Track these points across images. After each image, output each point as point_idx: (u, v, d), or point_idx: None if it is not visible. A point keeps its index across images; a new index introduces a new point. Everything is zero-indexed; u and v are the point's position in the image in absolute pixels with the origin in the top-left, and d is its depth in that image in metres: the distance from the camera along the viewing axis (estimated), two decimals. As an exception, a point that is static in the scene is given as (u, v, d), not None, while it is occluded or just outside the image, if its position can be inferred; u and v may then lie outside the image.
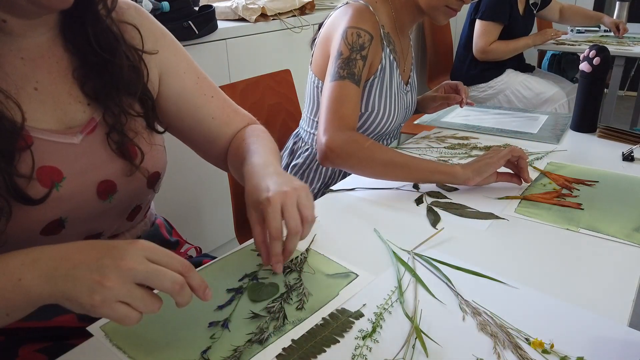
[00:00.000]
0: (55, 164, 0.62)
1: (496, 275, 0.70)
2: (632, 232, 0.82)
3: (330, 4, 2.52)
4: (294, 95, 1.50)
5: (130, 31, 0.70)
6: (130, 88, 0.69)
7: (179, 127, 0.81)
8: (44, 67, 0.63)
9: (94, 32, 0.64)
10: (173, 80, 0.77)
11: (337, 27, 1.09)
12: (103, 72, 0.66)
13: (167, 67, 0.76)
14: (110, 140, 0.68)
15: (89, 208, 0.67)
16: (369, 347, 0.58)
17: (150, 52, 0.72)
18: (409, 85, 1.27)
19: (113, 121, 0.67)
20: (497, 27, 2.37)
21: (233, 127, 0.84)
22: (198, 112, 0.80)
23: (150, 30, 0.74)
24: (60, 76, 0.65)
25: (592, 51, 1.23)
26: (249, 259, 0.76)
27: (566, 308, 0.64)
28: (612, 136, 1.26)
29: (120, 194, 0.70)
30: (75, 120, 0.66)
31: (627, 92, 4.39)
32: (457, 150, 1.22)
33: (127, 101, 0.69)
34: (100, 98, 0.66)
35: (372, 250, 0.78)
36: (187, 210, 1.96)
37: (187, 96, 0.78)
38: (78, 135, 0.65)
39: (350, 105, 1.02)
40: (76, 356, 0.58)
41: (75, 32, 0.64)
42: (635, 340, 0.58)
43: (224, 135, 0.83)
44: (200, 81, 0.80)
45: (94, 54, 0.64)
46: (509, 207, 0.91)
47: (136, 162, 0.70)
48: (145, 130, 0.73)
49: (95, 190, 0.67)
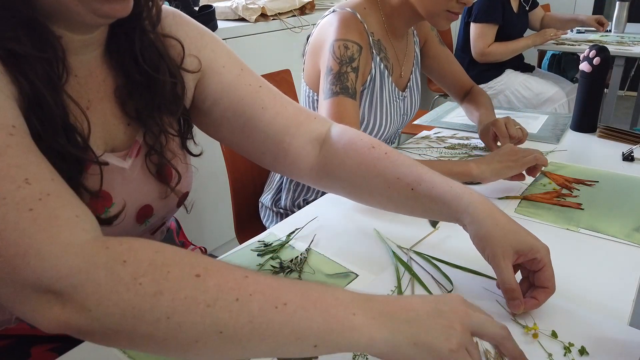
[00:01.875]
0: (106, 189, 0.59)
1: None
2: (632, 232, 0.82)
3: (330, 4, 2.52)
4: (294, 96, 1.49)
5: (174, 45, 0.66)
6: (172, 107, 0.65)
7: (226, 127, 0.72)
8: (94, 86, 0.61)
9: (140, 48, 0.61)
10: (211, 78, 0.70)
11: (324, 38, 1.06)
12: (145, 91, 0.62)
13: (204, 66, 0.70)
14: (149, 162, 0.65)
15: (126, 232, 0.64)
16: (369, 347, 0.57)
17: (190, 70, 0.67)
18: (408, 90, 1.23)
19: (153, 142, 0.64)
20: (493, 28, 2.36)
21: (307, 126, 0.74)
22: (243, 103, 0.70)
23: (188, 36, 0.68)
24: (106, 95, 0.62)
25: (592, 51, 1.23)
26: (249, 259, 0.76)
27: (566, 307, 0.64)
28: (612, 136, 1.26)
29: (155, 217, 0.69)
30: (117, 140, 0.63)
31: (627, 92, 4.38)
32: (457, 150, 1.22)
33: (168, 120, 0.65)
34: (141, 117, 0.63)
35: (372, 250, 0.78)
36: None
37: (227, 90, 0.70)
38: (128, 159, 0.63)
39: (349, 120, 0.98)
40: (77, 356, 0.58)
41: (121, 49, 0.61)
42: (636, 339, 0.58)
43: (289, 131, 0.72)
44: (243, 73, 0.72)
45: (138, 72, 0.61)
46: (509, 207, 0.91)
47: (172, 185, 0.67)
48: (181, 151, 0.70)
49: (135, 216, 0.65)
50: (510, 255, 0.61)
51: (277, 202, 1.24)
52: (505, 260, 0.61)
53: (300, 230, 0.83)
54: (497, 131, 1.09)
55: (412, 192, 0.67)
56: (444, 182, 0.67)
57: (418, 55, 1.28)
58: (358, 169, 0.70)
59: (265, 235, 0.83)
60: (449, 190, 0.65)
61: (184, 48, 0.66)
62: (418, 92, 1.28)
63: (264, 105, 0.71)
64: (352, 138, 0.73)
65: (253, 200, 1.35)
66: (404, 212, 0.73)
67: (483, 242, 0.63)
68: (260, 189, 1.34)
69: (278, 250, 0.78)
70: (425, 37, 1.29)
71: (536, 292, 0.62)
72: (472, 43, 2.40)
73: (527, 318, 0.62)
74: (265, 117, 0.71)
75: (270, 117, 0.71)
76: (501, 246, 0.61)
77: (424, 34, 1.29)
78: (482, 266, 0.72)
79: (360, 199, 0.76)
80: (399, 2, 1.10)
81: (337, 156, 0.72)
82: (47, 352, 0.69)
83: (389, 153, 0.70)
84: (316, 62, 1.09)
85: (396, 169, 0.69)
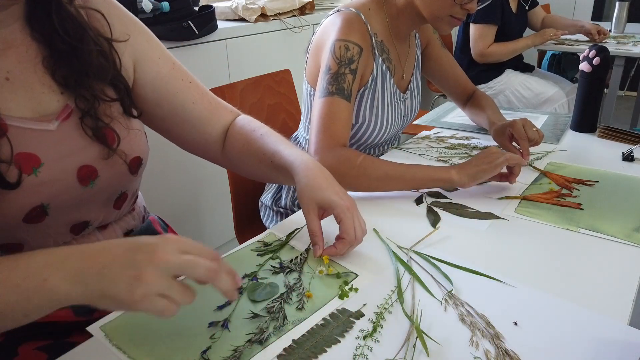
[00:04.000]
0: (32, 151, 0.63)
1: (496, 275, 0.70)
2: (632, 232, 0.82)
3: (330, 4, 2.52)
4: (293, 95, 1.50)
5: (97, 18, 0.71)
6: (101, 74, 0.69)
7: (159, 114, 0.80)
8: (14, 57, 0.64)
9: (59, 20, 0.65)
10: (148, 66, 0.77)
11: (327, 38, 1.06)
12: (72, 59, 0.66)
13: (140, 53, 0.76)
14: (84, 126, 0.68)
15: (70, 194, 0.68)
16: (369, 346, 0.58)
17: (120, 39, 0.72)
18: (409, 92, 1.23)
19: (86, 106, 0.68)
20: (492, 28, 2.36)
21: (222, 118, 0.85)
22: (177, 97, 0.80)
23: (119, 18, 0.74)
24: (31, 65, 0.65)
25: (592, 51, 1.23)
26: (249, 259, 0.76)
27: (567, 307, 0.64)
28: (612, 136, 1.26)
29: (101, 179, 0.71)
30: (49, 108, 0.66)
31: (627, 92, 4.39)
32: (457, 150, 1.22)
33: (99, 87, 0.70)
34: (71, 85, 0.67)
35: (372, 250, 0.78)
36: (186, 210, 1.96)
37: (163, 81, 0.78)
38: (54, 122, 0.66)
39: (340, 122, 0.99)
40: (76, 356, 0.58)
41: (40, 21, 0.65)
42: (635, 339, 0.58)
43: (211, 123, 0.83)
44: (176, 67, 0.81)
45: (61, 41, 0.65)
46: (509, 207, 0.91)
47: (113, 146, 0.71)
48: (121, 116, 0.73)
49: (76, 176, 0.68)
50: (314, 208, 0.71)
51: (278, 201, 1.24)
52: (310, 213, 0.71)
53: (300, 230, 0.83)
54: (515, 133, 1.09)
55: (271, 163, 0.79)
56: (292, 152, 0.77)
57: (419, 58, 1.28)
58: (242, 148, 0.82)
59: (265, 235, 0.83)
60: (289, 157, 0.76)
61: (110, 24, 0.71)
62: (419, 95, 1.28)
63: (194, 100, 0.82)
64: (243, 125, 0.84)
65: (253, 200, 1.35)
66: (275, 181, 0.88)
67: (299, 198, 0.73)
68: (260, 189, 1.34)
69: (278, 250, 0.78)
70: (427, 39, 1.29)
71: (338, 242, 0.72)
72: (471, 44, 2.40)
73: (525, 317, 0.62)
74: (194, 110, 0.82)
75: (198, 111, 0.82)
76: (307, 201, 0.71)
77: (426, 36, 1.29)
78: (482, 266, 0.72)
79: (249, 174, 0.88)
80: (404, 4, 1.10)
81: (231, 140, 0.84)
82: (34, 350, 0.69)
83: (264, 134, 0.82)
84: (318, 60, 1.10)
85: (265, 146, 0.80)
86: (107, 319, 0.63)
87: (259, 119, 0.89)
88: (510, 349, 0.57)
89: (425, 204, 0.93)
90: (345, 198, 0.72)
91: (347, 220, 0.70)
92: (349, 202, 0.72)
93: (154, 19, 1.65)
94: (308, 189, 0.72)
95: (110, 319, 0.63)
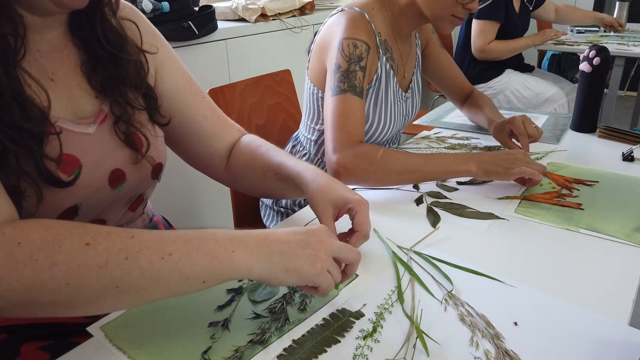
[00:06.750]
0: (74, 152, 0.65)
1: (496, 275, 0.70)
2: (632, 232, 0.82)
3: (330, 4, 2.52)
4: (293, 96, 1.50)
5: (130, 27, 0.73)
6: (137, 83, 0.72)
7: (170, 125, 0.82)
8: (57, 60, 0.67)
9: (102, 29, 0.68)
10: (167, 76, 0.80)
11: (332, 37, 1.06)
12: (109, 67, 0.69)
13: (161, 63, 0.79)
14: (117, 130, 0.71)
15: (101, 196, 0.70)
16: (369, 347, 0.58)
17: (150, 52, 0.75)
18: (410, 91, 1.23)
19: (120, 112, 0.71)
20: (495, 25, 2.37)
21: (229, 135, 0.87)
22: (189, 109, 0.82)
23: (145, 29, 0.77)
24: (71, 69, 0.68)
25: (592, 51, 1.23)
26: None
27: (567, 307, 0.64)
28: (612, 136, 1.26)
29: (128, 182, 0.73)
30: (85, 111, 0.68)
31: (627, 92, 4.39)
32: (457, 150, 1.22)
33: (132, 95, 0.72)
34: (107, 91, 0.70)
35: (372, 250, 0.78)
36: (186, 210, 1.96)
37: (178, 92, 0.81)
38: (92, 125, 0.68)
39: (355, 118, 0.99)
40: (76, 356, 0.58)
41: (83, 29, 0.68)
42: (635, 339, 0.58)
43: (218, 138, 0.85)
44: (192, 81, 0.83)
45: (101, 49, 0.68)
46: (509, 207, 0.91)
47: (142, 151, 0.73)
48: (148, 123, 0.76)
49: (108, 179, 0.70)
50: (329, 210, 0.71)
51: (278, 200, 1.24)
52: (326, 216, 0.71)
53: (300, 230, 0.83)
54: (515, 129, 1.11)
55: (276, 175, 0.80)
56: (298, 164, 0.78)
57: (419, 57, 1.28)
58: (247, 163, 0.84)
59: (266, 236, 0.83)
60: (295, 168, 0.77)
61: (141, 34, 0.74)
62: (419, 94, 1.29)
63: (205, 115, 0.84)
64: (249, 142, 0.86)
65: (253, 200, 1.35)
66: (278, 194, 0.87)
67: (311, 205, 0.73)
68: (260, 189, 1.33)
69: (278, 251, 0.78)
70: (426, 39, 1.30)
71: (352, 237, 0.71)
72: (472, 39, 2.40)
73: (525, 317, 0.62)
74: (205, 124, 0.84)
75: (208, 125, 0.84)
76: (322, 203, 0.72)
77: (425, 36, 1.29)
78: (482, 266, 0.72)
79: (251, 189, 0.88)
80: (406, 4, 1.10)
81: (237, 156, 0.86)
82: (37, 350, 0.69)
83: (270, 149, 0.83)
84: (322, 60, 1.10)
85: (270, 159, 0.82)
86: (107, 319, 0.63)
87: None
88: (510, 349, 0.57)
89: (425, 204, 0.93)
90: (357, 194, 0.73)
91: (363, 212, 0.70)
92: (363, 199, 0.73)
93: (154, 19, 1.65)
94: (321, 193, 0.72)
95: (110, 319, 0.63)
